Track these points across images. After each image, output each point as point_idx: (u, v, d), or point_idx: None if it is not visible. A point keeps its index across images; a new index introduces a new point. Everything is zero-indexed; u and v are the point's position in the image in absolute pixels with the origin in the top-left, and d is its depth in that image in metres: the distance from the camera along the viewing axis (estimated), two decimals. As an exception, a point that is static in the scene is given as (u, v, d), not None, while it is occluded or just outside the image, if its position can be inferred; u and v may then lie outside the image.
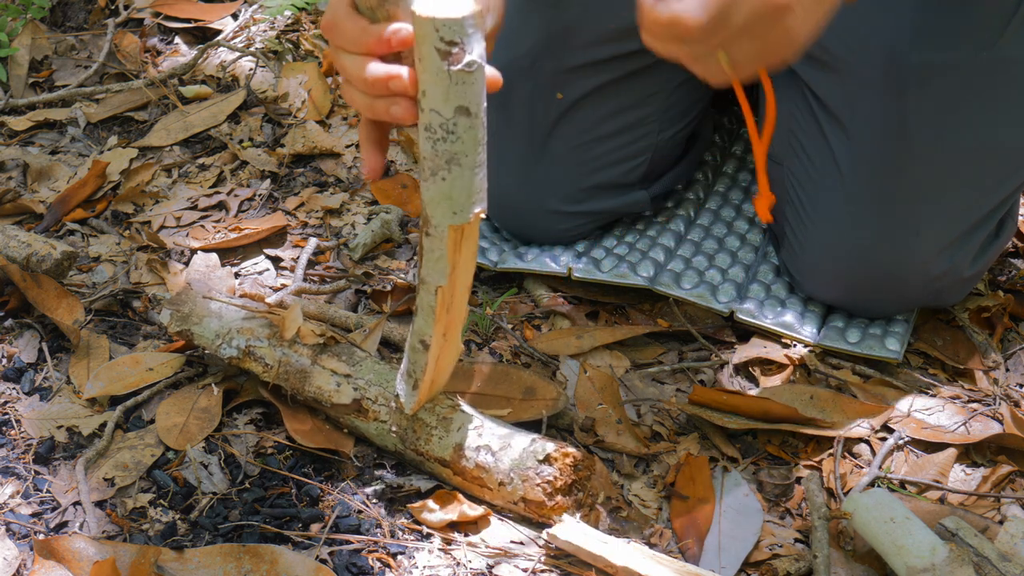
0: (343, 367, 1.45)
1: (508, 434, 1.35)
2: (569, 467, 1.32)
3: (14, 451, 1.47)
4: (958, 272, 1.60)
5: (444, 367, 1.36)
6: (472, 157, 1.19)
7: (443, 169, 1.19)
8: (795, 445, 1.51)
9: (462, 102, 1.15)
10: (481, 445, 1.35)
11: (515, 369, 1.56)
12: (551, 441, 1.34)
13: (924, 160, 1.52)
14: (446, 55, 1.12)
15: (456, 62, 1.12)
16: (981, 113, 1.51)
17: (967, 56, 1.48)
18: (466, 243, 1.25)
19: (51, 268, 1.68)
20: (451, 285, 1.27)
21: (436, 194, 1.21)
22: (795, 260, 1.66)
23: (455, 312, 1.30)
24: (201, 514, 1.38)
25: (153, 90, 2.18)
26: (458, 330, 1.33)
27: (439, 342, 1.32)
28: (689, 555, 1.35)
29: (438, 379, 1.37)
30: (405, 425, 1.39)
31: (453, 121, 1.16)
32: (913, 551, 1.27)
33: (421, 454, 1.39)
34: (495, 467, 1.34)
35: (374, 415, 1.42)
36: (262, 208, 1.93)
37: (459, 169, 1.19)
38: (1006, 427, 1.51)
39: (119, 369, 1.57)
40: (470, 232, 1.25)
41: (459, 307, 1.31)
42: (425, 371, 1.34)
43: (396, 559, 1.32)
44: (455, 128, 1.17)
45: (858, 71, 1.52)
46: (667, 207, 1.85)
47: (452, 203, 1.21)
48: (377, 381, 1.43)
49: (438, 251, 1.25)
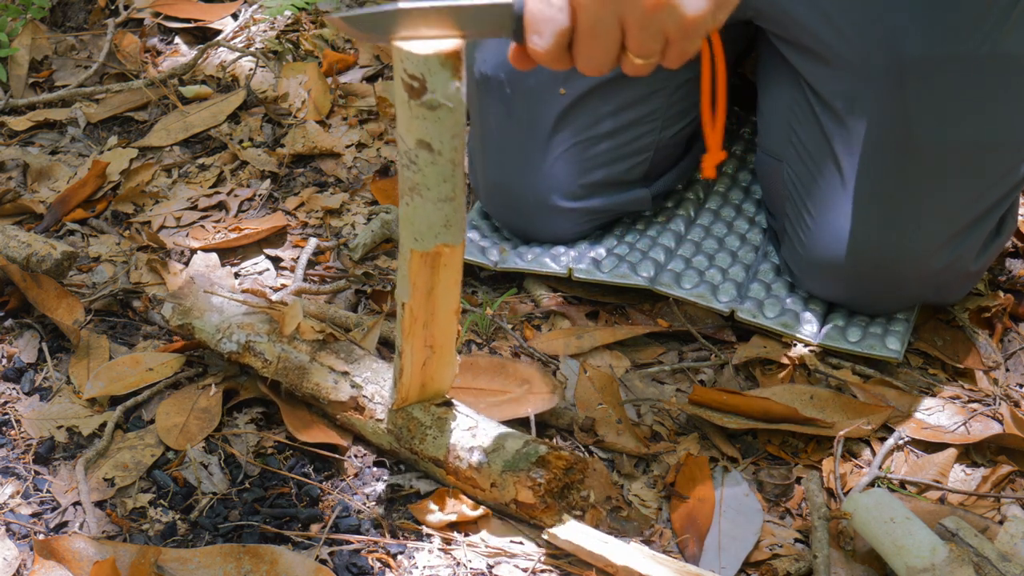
0: (341, 364, 1.46)
1: (502, 435, 1.36)
2: (562, 470, 1.32)
3: (14, 451, 1.47)
4: (959, 268, 1.60)
5: (434, 376, 1.38)
6: (434, 191, 1.20)
7: (407, 195, 1.21)
8: (795, 445, 1.51)
9: (423, 136, 1.16)
10: (475, 446, 1.35)
11: (511, 362, 1.56)
12: (544, 444, 1.34)
13: (924, 154, 1.52)
14: (409, 87, 1.13)
15: (416, 96, 1.13)
16: (981, 107, 1.51)
17: (968, 50, 1.48)
18: (444, 270, 1.27)
19: (51, 268, 1.68)
20: (421, 304, 1.29)
21: (401, 216, 1.24)
22: (795, 256, 1.66)
23: (437, 329, 1.33)
24: (201, 514, 1.38)
25: (153, 90, 2.18)
26: (448, 345, 1.35)
27: (420, 352, 1.34)
28: (689, 555, 1.35)
29: (428, 385, 1.38)
30: (400, 424, 1.40)
31: (415, 152, 1.17)
32: (913, 551, 1.27)
33: (415, 453, 1.40)
34: (487, 468, 1.34)
35: (370, 413, 1.42)
36: (262, 208, 1.93)
37: (420, 200, 1.21)
38: (1006, 427, 1.51)
39: (119, 369, 1.57)
40: (449, 260, 1.26)
41: (442, 324, 1.33)
42: (401, 374, 1.36)
43: (396, 559, 1.32)
44: (416, 159, 1.18)
45: (857, 65, 1.52)
46: (667, 207, 1.85)
47: (413, 229, 1.24)
48: (375, 379, 1.43)
49: (402, 270, 1.28)
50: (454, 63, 1.12)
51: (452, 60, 1.12)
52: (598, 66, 1.13)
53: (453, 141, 1.16)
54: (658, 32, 1.10)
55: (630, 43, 1.11)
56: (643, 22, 1.09)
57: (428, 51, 1.11)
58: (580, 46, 1.11)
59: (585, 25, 1.10)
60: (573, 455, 1.34)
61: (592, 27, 1.10)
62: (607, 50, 1.11)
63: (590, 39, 1.11)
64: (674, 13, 1.09)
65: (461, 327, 1.35)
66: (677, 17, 1.09)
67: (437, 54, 1.11)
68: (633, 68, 1.14)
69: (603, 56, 1.12)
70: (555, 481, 1.32)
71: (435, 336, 1.34)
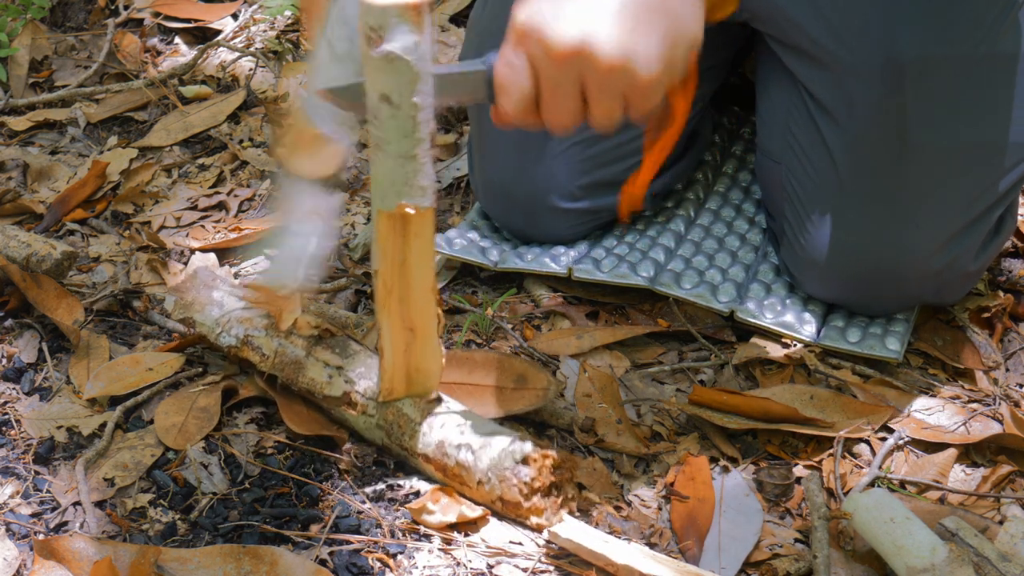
0: (336, 359, 1.46)
1: (490, 432, 1.36)
2: (548, 469, 1.32)
3: (14, 451, 1.47)
4: (958, 268, 1.60)
5: (419, 366, 1.38)
6: (395, 146, 1.22)
7: (373, 153, 1.24)
8: (795, 445, 1.51)
9: (384, 89, 1.19)
10: (462, 443, 1.35)
11: (507, 358, 1.56)
12: (530, 442, 1.34)
13: (921, 155, 1.52)
14: (369, 39, 1.16)
15: (375, 46, 1.16)
16: (978, 108, 1.51)
17: (964, 51, 1.48)
18: (416, 239, 1.28)
19: (51, 268, 1.68)
20: (392, 273, 1.30)
21: (371, 177, 1.27)
22: (795, 258, 1.66)
23: (414, 307, 1.33)
24: (201, 514, 1.38)
25: (153, 90, 2.18)
26: (430, 329, 1.36)
27: (399, 333, 1.35)
28: (689, 555, 1.35)
29: (414, 377, 1.39)
30: (391, 420, 1.40)
31: (377, 107, 1.20)
32: (913, 551, 1.27)
33: (406, 449, 1.40)
34: (474, 466, 1.34)
35: (362, 408, 1.43)
36: (262, 208, 1.93)
37: (382, 155, 1.23)
38: (1006, 427, 1.51)
39: (119, 369, 1.57)
40: (419, 229, 1.28)
41: (420, 303, 1.33)
42: (382, 357, 1.37)
43: (396, 559, 1.32)
44: (378, 113, 1.21)
45: (854, 67, 1.52)
46: (667, 207, 1.85)
47: (377, 187, 1.26)
48: (368, 375, 1.44)
49: (373, 235, 1.30)
50: (413, 17, 1.15)
51: (411, 14, 1.15)
52: (563, 125, 1.20)
53: (413, 96, 1.19)
54: (616, 93, 1.18)
55: (591, 103, 1.18)
56: (600, 85, 1.16)
57: (386, 2, 1.15)
58: (545, 107, 1.19)
59: (547, 89, 1.18)
60: (561, 453, 1.34)
61: (553, 90, 1.17)
62: (570, 111, 1.19)
63: (553, 101, 1.18)
64: (629, 76, 1.16)
65: (442, 313, 1.36)
66: (632, 79, 1.16)
67: (395, 5, 1.14)
68: (598, 125, 1.21)
69: (567, 116, 1.19)
70: (540, 479, 1.32)
71: (413, 317, 1.34)
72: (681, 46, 1.18)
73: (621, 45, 1.14)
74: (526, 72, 1.17)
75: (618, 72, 1.15)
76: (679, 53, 1.18)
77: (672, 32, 1.17)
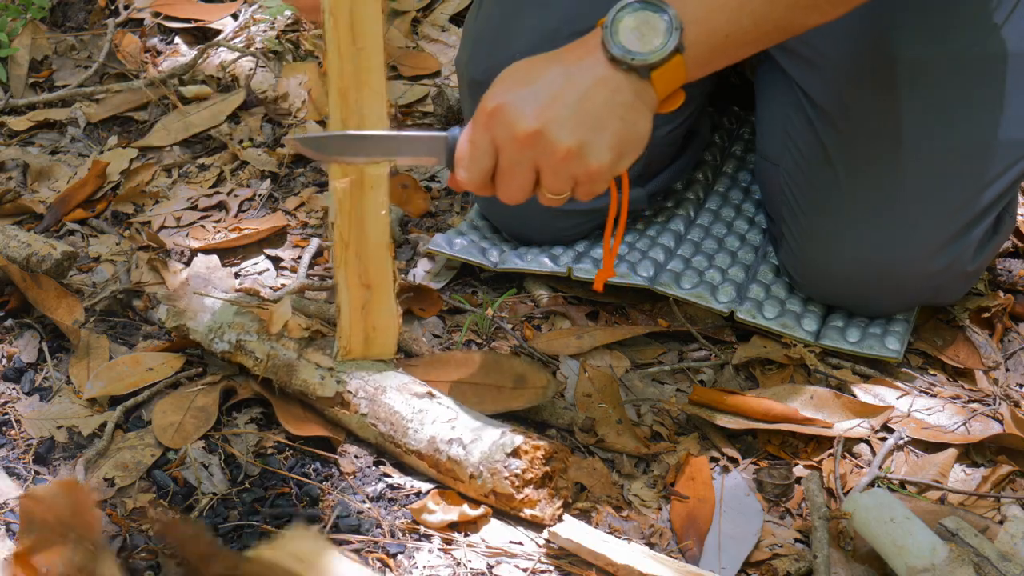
0: (327, 360, 1.47)
1: (480, 427, 1.36)
2: (539, 460, 1.33)
3: (14, 451, 1.47)
4: (957, 268, 1.60)
5: (376, 325, 1.44)
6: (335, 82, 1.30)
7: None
8: (795, 445, 1.51)
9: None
10: (453, 438, 1.36)
11: (505, 357, 1.56)
12: (520, 434, 1.34)
13: (918, 156, 1.53)
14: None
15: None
16: (973, 108, 1.52)
17: (958, 52, 1.48)
18: (372, 191, 1.35)
19: (51, 268, 1.68)
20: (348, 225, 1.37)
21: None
22: (794, 260, 1.66)
23: (371, 264, 1.40)
24: (201, 514, 1.38)
25: (153, 90, 2.18)
26: (386, 287, 1.42)
27: (356, 289, 1.41)
28: (689, 555, 1.35)
29: (372, 337, 1.44)
30: (383, 417, 1.40)
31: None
32: (913, 551, 1.27)
33: (399, 447, 1.40)
34: (466, 460, 1.35)
35: (355, 408, 1.43)
36: (262, 208, 1.93)
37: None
38: (1006, 427, 1.51)
39: (119, 369, 1.57)
40: (375, 182, 1.35)
41: (375, 258, 1.40)
42: (339, 314, 1.43)
43: (396, 559, 1.32)
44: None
45: (849, 69, 1.53)
46: (667, 207, 1.85)
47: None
48: (359, 375, 1.44)
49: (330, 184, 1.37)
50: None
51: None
52: (514, 198, 1.31)
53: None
54: (568, 177, 1.29)
55: (543, 183, 1.30)
56: (554, 169, 1.28)
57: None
58: (500, 181, 1.30)
59: (505, 166, 1.29)
60: (553, 444, 1.34)
61: (512, 168, 1.29)
62: (522, 187, 1.30)
63: (510, 176, 1.29)
64: (581, 163, 1.27)
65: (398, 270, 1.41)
66: (584, 166, 1.28)
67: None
68: (547, 201, 1.32)
69: (519, 191, 1.31)
70: (532, 471, 1.32)
71: (369, 272, 1.40)
72: (630, 142, 1.29)
73: (576, 135, 1.26)
74: (488, 151, 1.29)
75: (572, 158, 1.27)
76: (628, 149, 1.29)
77: (622, 130, 1.28)
